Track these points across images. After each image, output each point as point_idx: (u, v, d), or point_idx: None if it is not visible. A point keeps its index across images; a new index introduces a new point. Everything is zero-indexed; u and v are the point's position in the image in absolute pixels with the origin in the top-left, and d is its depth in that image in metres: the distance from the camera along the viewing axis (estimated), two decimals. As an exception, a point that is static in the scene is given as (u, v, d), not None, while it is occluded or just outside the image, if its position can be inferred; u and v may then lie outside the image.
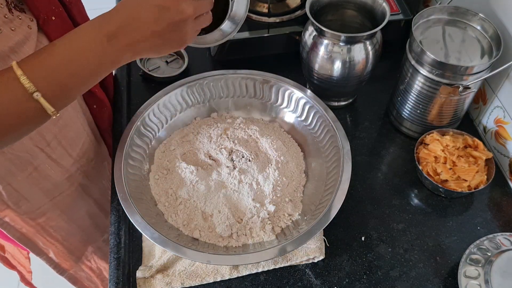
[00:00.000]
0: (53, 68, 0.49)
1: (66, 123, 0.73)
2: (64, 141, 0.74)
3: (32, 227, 0.79)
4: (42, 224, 0.80)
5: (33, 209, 0.76)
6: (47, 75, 0.49)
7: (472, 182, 0.77)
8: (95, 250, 0.97)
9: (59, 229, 0.84)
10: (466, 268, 0.68)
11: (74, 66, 0.51)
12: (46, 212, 0.79)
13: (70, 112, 0.73)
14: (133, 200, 0.69)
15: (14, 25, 0.59)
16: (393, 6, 0.97)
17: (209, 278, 0.71)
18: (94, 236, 0.94)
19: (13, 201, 0.72)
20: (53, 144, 0.72)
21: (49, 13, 0.65)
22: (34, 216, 0.77)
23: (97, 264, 1.00)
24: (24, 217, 0.76)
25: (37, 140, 0.69)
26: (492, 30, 0.76)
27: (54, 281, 1.08)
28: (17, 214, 0.75)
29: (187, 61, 0.97)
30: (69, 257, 0.91)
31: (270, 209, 0.72)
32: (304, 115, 0.83)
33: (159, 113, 0.82)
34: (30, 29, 0.62)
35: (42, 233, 0.81)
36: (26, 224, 0.77)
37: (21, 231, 0.78)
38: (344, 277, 0.72)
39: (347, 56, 0.80)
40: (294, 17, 0.96)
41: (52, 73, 0.49)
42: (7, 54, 0.59)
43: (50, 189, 0.77)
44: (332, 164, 0.75)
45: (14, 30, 0.59)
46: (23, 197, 0.73)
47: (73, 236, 0.88)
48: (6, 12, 0.58)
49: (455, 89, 0.75)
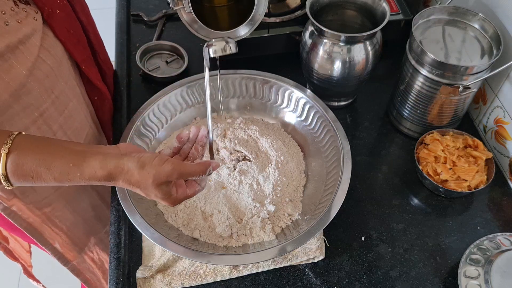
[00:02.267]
0: (38, 174, 0.54)
1: (71, 114, 0.74)
2: (70, 132, 0.75)
3: (38, 217, 0.80)
4: (48, 214, 0.81)
5: (39, 199, 0.77)
6: (26, 176, 0.54)
7: (472, 182, 0.77)
8: (97, 241, 0.97)
9: (64, 219, 0.85)
10: (466, 268, 0.68)
11: (57, 166, 0.54)
12: (51, 203, 0.80)
13: (74, 103, 0.74)
14: (133, 200, 0.69)
15: (20, 17, 0.60)
16: (393, 6, 0.97)
17: (209, 278, 0.71)
18: (96, 227, 0.95)
19: (20, 190, 0.73)
20: (59, 134, 0.72)
21: (53, 6, 0.65)
22: (40, 206, 0.78)
23: (99, 255, 1.01)
24: (30, 206, 0.77)
25: (44, 130, 0.70)
26: (492, 30, 0.76)
27: (55, 276, 1.08)
28: (24, 204, 0.76)
29: (187, 61, 0.97)
30: (73, 248, 0.92)
31: (270, 209, 0.72)
32: (304, 115, 0.83)
33: (159, 113, 0.82)
34: (36, 21, 0.63)
35: (48, 223, 0.82)
36: (32, 213, 0.78)
37: (28, 220, 0.79)
38: (344, 277, 0.72)
39: (347, 56, 0.80)
40: (294, 17, 0.96)
41: (33, 177, 0.54)
42: (15, 46, 0.60)
43: None
44: (332, 164, 0.75)
45: (21, 23, 0.60)
46: (30, 186, 0.74)
47: (77, 227, 0.89)
48: (12, 5, 0.59)
49: (455, 89, 0.75)
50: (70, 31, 0.70)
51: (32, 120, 0.66)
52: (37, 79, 0.64)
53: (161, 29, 1.06)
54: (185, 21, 0.73)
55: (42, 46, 0.64)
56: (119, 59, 1.00)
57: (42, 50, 0.64)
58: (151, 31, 1.06)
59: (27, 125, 0.66)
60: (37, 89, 0.65)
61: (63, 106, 0.71)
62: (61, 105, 0.71)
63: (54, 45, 0.67)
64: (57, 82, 0.68)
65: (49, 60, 0.65)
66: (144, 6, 1.12)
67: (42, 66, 0.64)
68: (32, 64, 0.62)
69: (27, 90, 0.63)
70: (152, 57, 1.00)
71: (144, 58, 0.98)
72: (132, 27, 1.08)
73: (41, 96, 0.66)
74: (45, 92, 0.66)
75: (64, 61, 0.70)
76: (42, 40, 0.64)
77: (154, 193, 0.56)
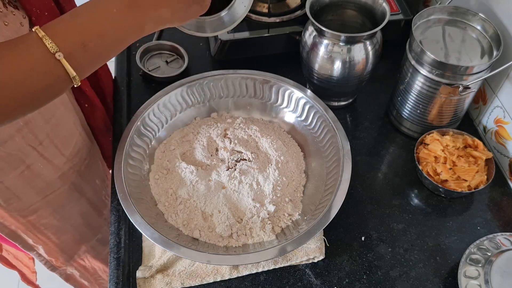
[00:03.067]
0: (75, 30, 0.49)
1: (59, 122, 0.73)
2: (57, 140, 0.74)
3: (22, 224, 0.78)
4: (33, 221, 0.79)
5: (24, 207, 0.76)
6: (70, 36, 0.48)
7: (472, 182, 0.77)
8: (88, 249, 0.96)
9: (51, 227, 0.83)
10: (466, 268, 0.68)
11: (97, 29, 0.50)
12: (37, 210, 0.78)
13: (62, 111, 0.73)
14: (133, 200, 0.69)
15: (8, 20, 0.59)
16: (393, 6, 0.97)
17: (209, 278, 0.71)
18: (87, 235, 0.93)
19: (4, 198, 0.72)
20: (45, 143, 0.71)
21: (42, 8, 0.65)
22: (24, 213, 0.77)
23: (91, 263, 1.00)
24: (14, 214, 0.76)
25: (29, 138, 0.69)
26: (492, 30, 0.76)
27: (57, 278, 1.08)
28: (7, 211, 0.75)
29: (187, 61, 0.97)
30: (60, 255, 0.91)
31: (270, 209, 0.72)
32: (304, 115, 0.83)
33: (159, 113, 0.82)
34: (22, 26, 0.62)
35: (33, 230, 0.81)
36: (16, 221, 0.77)
37: (10, 228, 0.78)
38: (344, 277, 0.72)
39: (347, 56, 0.80)
40: (294, 17, 0.96)
41: (75, 34, 0.49)
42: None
43: (42, 187, 0.76)
44: (332, 164, 0.75)
45: (7, 25, 0.59)
46: (14, 195, 0.73)
47: (65, 235, 0.88)
48: (0, 6, 0.58)
49: (455, 89, 0.75)
50: None
51: (17, 129, 0.65)
52: None
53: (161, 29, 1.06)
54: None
55: None
56: (119, 59, 1.00)
57: None
58: (151, 31, 1.06)
59: (12, 134, 0.65)
60: None
61: (49, 114, 0.70)
62: (48, 113, 0.69)
63: None
64: None
65: None
66: (144, 6, 1.12)
67: None
68: None
69: None
70: (152, 57, 1.00)
71: (144, 58, 0.98)
72: (132, 27, 1.08)
73: None
74: None
75: None
76: None
77: None
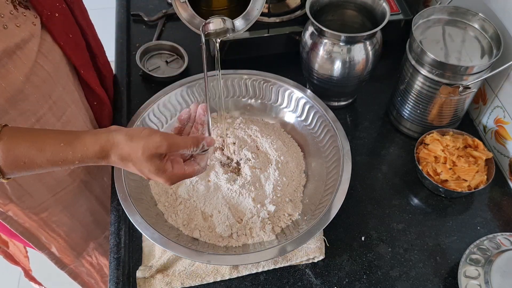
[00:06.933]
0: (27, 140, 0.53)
1: (69, 119, 0.73)
2: None
3: (34, 222, 0.79)
4: (45, 219, 0.80)
5: (36, 204, 0.77)
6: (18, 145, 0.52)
7: (472, 182, 0.77)
8: (97, 246, 0.97)
9: (61, 224, 0.84)
10: (466, 268, 0.68)
11: (48, 146, 0.53)
12: (48, 208, 0.79)
13: (73, 109, 0.74)
14: (133, 200, 0.69)
15: (19, 21, 0.60)
16: (393, 6, 0.97)
17: (209, 278, 0.71)
18: (95, 232, 0.94)
19: (17, 195, 0.73)
20: None
21: (52, 10, 0.65)
22: (36, 211, 0.78)
23: (98, 260, 1.01)
24: (27, 211, 0.77)
25: None
26: (492, 30, 0.76)
27: (52, 278, 1.08)
28: (20, 209, 0.75)
29: (187, 61, 0.97)
30: (70, 253, 0.92)
31: (270, 209, 0.72)
32: (304, 115, 0.83)
33: (159, 113, 0.82)
34: (35, 26, 0.63)
35: (45, 227, 0.82)
36: (29, 218, 0.78)
37: (24, 225, 0.79)
38: (344, 277, 0.72)
39: (347, 56, 0.80)
40: (294, 17, 0.96)
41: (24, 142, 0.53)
42: (13, 50, 0.59)
43: (53, 184, 0.77)
44: (332, 164, 0.75)
45: (19, 27, 0.60)
46: (27, 192, 0.74)
47: (74, 232, 0.89)
48: (11, 9, 0.59)
49: (455, 89, 0.75)
50: (69, 35, 0.70)
51: (29, 126, 0.66)
52: (34, 85, 0.64)
53: (161, 29, 1.07)
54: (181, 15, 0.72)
55: (39, 52, 0.64)
56: (119, 59, 1.00)
57: (40, 56, 0.64)
58: (151, 31, 1.06)
59: None
60: (34, 95, 0.64)
61: (61, 112, 0.71)
62: (59, 110, 0.70)
63: (52, 50, 0.66)
64: (54, 88, 0.68)
65: (46, 66, 0.65)
66: (144, 6, 1.12)
67: (39, 71, 0.64)
68: (29, 70, 0.62)
69: (24, 96, 0.63)
70: (152, 57, 1.00)
71: (144, 58, 0.98)
72: (132, 27, 1.08)
73: (38, 101, 0.65)
74: (42, 98, 0.66)
75: (62, 66, 0.70)
76: (40, 45, 0.64)
77: (147, 168, 0.55)
